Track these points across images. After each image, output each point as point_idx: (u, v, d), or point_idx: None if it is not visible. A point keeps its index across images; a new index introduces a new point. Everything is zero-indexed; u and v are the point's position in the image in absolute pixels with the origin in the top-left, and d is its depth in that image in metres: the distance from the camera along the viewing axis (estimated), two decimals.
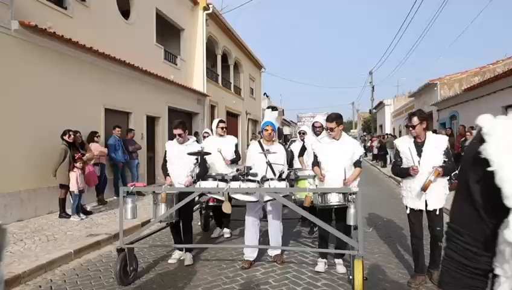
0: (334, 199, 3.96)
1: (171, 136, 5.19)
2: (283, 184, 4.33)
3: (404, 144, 3.87)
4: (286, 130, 47.19)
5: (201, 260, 4.89)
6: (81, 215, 7.13)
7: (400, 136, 26.97)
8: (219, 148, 5.45)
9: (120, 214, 4.16)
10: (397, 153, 4.00)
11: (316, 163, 4.41)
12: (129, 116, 10.89)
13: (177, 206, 4.21)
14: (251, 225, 4.65)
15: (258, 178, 4.37)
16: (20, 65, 7.05)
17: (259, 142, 4.87)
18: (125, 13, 11.46)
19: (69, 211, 7.19)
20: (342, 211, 4.03)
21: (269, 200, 4.37)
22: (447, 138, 3.88)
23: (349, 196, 3.82)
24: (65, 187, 7.14)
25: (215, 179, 4.43)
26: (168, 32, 14.62)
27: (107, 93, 9.62)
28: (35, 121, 7.33)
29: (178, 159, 4.70)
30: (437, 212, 3.74)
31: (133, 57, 10.62)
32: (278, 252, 4.75)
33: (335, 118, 4.23)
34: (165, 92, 12.96)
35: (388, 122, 32.55)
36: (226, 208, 4.10)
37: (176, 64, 14.86)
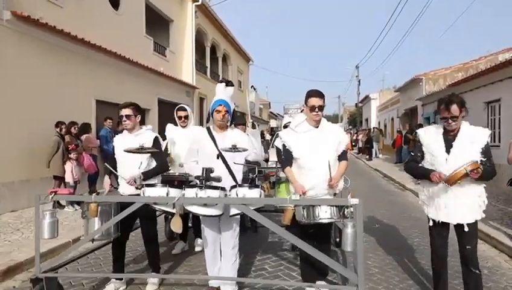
0: (325, 214, 2.93)
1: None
2: (256, 192, 3.10)
3: (431, 136, 3.00)
4: (273, 123, 47.48)
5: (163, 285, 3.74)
6: (76, 206, 7.17)
7: (385, 130, 27.51)
8: (181, 162, 4.23)
9: (36, 231, 3.19)
10: (419, 147, 3.10)
11: (288, 162, 3.30)
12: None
13: (114, 220, 3.23)
14: (211, 244, 3.51)
15: (224, 184, 3.22)
16: (12, 56, 7.00)
17: (208, 129, 3.55)
18: (114, 3, 11.37)
19: (62, 201, 7.23)
20: (326, 226, 3.20)
21: (236, 214, 3.21)
22: (489, 132, 2.93)
23: (346, 210, 2.87)
24: (59, 179, 7.18)
25: (164, 185, 3.21)
26: (157, 23, 14.52)
27: (98, 85, 9.58)
28: (28, 113, 7.31)
29: (126, 156, 3.44)
30: (465, 228, 2.84)
31: (123, 48, 10.58)
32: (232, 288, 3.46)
33: (322, 93, 3.23)
34: (155, 84, 12.94)
35: (374, 116, 33.08)
36: (176, 226, 2.99)
37: (165, 56, 14.82)
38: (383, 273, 4.03)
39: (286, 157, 3.34)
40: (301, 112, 4.44)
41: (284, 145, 3.35)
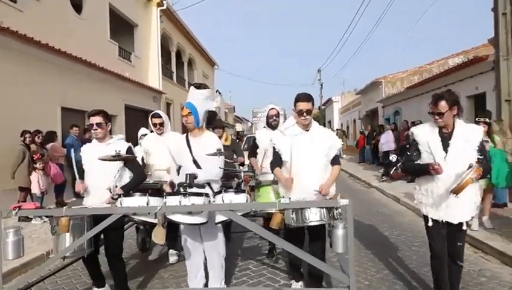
0: (314, 216, 2.90)
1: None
2: (242, 197, 3.09)
3: (426, 134, 2.92)
4: (238, 127, 47.66)
5: None
6: (44, 217, 6.91)
7: (348, 131, 28.52)
8: (168, 166, 3.92)
9: None
10: (414, 145, 3.00)
11: (277, 163, 3.28)
12: (86, 115, 10.56)
13: (87, 236, 2.99)
14: (194, 254, 3.42)
15: (207, 190, 3.15)
16: None
17: (186, 135, 3.51)
18: (77, 8, 11.06)
19: None
20: (318, 228, 3.11)
21: (223, 221, 3.14)
22: (482, 129, 2.95)
23: (335, 211, 2.83)
24: (25, 190, 6.89)
25: (144, 194, 3.05)
26: (121, 28, 14.25)
27: (62, 92, 9.28)
28: None
29: (98, 166, 3.25)
30: (463, 226, 2.87)
31: (87, 54, 10.32)
32: None
33: (311, 97, 3.21)
34: (122, 89, 12.69)
35: (336, 118, 34.14)
36: (158, 237, 2.86)
37: (131, 61, 14.58)
38: (360, 265, 4.28)
39: (275, 159, 3.31)
40: (269, 116, 4.36)
41: (273, 148, 3.34)
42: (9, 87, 7.51)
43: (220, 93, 34.39)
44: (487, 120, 5.28)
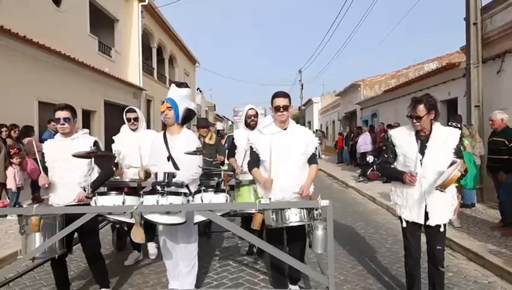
0: (294, 217, 2.87)
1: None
2: (222, 197, 3.06)
3: (403, 137, 2.96)
4: (219, 126, 47.52)
5: None
6: None
7: (327, 132, 28.96)
8: (127, 164, 3.88)
9: None
10: (390, 147, 3.04)
11: (255, 163, 3.22)
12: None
13: (59, 236, 2.85)
14: (173, 255, 3.43)
15: (186, 190, 3.11)
16: None
17: (164, 132, 3.48)
18: (56, 0, 10.81)
19: None
20: (298, 228, 3.10)
21: (202, 221, 3.11)
22: (459, 132, 3.02)
23: (315, 212, 2.84)
24: (0, 185, 6.73)
25: (120, 193, 2.96)
26: (101, 22, 14.01)
27: (40, 86, 9.08)
28: None
29: (63, 162, 3.13)
30: (441, 229, 2.89)
31: (66, 47, 10.13)
32: None
33: (288, 94, 3.20)
34: (101, 85, 12.50)
35: (316, 118, 34.60)
36: (138, 237, 2.79)
37: (111, 57, 14.36)
38: (336, 261, 4.40)
39: (253, 159, 3.25)
40: (248, 116, 4.42)
41: (251, 147, 3.29)
42: None
43: (200, 91, 34.21)
44: (458, 124, 5.58)
